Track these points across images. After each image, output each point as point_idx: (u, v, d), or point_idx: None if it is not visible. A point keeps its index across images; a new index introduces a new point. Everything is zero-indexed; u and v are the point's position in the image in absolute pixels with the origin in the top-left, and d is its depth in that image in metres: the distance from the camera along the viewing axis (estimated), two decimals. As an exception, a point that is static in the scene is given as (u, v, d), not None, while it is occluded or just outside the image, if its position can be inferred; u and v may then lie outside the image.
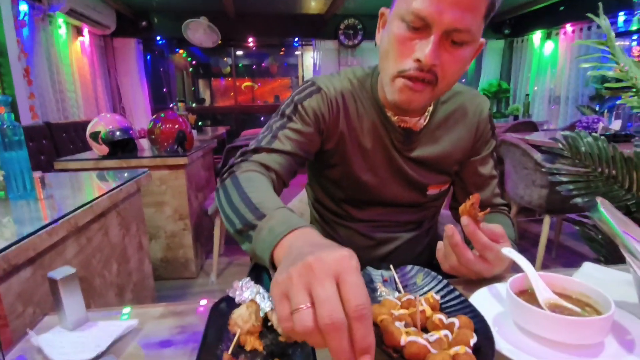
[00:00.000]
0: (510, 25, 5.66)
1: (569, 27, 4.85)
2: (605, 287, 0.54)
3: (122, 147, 2.28)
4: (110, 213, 1.38)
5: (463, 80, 6.77)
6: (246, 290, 0.55)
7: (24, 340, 0.50)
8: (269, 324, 0.50)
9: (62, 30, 3.88)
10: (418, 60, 0.62)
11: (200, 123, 4.16)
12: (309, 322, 0.32)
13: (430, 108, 0.82)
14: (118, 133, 2.17)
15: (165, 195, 2.29)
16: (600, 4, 0.88)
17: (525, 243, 2.91)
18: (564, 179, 1.09)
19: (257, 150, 0.74)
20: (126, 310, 0.57)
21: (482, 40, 0.69)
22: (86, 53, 4.39)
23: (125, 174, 1.59)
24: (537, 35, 5.35)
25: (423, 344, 0.40)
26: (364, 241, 0.91)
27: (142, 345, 0.50)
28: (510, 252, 0.57)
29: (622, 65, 0.89)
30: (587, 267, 0.68)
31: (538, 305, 0.49)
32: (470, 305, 0.49)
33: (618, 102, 0.97)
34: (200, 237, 2.62)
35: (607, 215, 0.55)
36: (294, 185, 0.86)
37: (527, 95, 5.13)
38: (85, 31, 4.38)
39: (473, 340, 0.42)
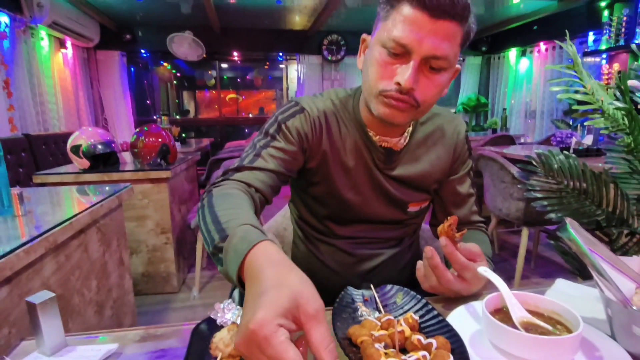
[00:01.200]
0: (487, 43, 5.86)
1: (542, 46, 5.06)
2: (576, 303, 0.56)
3: (103, 160, 2.25)
4: (90, 229, 1.35)
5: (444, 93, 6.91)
6: (228, 312, 0.55)
7: (-1, 367, 0.49)
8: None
9: (45, 43, 3.82)
10: (398, 84, 0.66)
11: (184, 135, 4.14)
12: None
13: (410, 128, 0.85)
14: (100, 147, 2.14)
15: (148, 209, 2.26)
16: (567, 32, 0.94)
17: (505, 254, 2.97)
18: (538, 194, 1.13)
19: (239, 169, 0.75)
20: (105, 334, 0.57)
21: (458, 66, 0.74)
22: (69, 65, 4.33)
23: (107, 188, 1.57)
24: (512, 53, 5.56)
25: (401, 365, 0.42)
26: (346, 258, 0.92)
27: (122, 371, 0.49)
28: (486, 272, 0.59)
29: (588, 89, 0.94)
30: (560, 283, 0.70)
31: (512, 323, 0.51)
32: (448, 325, 0.51)
33: (586, 123, 1.01)
34: (183, 251, 2.59)
35: (576, 235, 0.57)
36: (278, 198, 0.87)
37: (505, 109, 5.30)
38: (68, 43, 4.33)
39: (449, 360, 0.43)
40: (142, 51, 5.29)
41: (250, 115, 6.81)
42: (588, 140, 2.63)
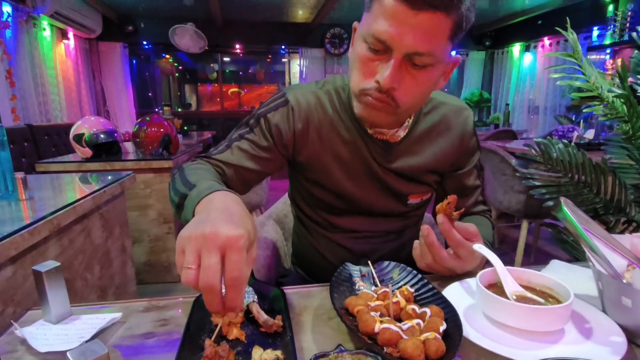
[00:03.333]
0: (491, 38, 5.83)
1: (546, 41, 5.03)
2: (569, 282, 0.57)
3: (106, 150, 2.26)
4: (93, 215, 1.37)
5: (445, 90, 6.91)
6: (229, 285, 0.56)
7: (8, 332, 0.50)
8: (250, 315, 0.52)
9: (47, 33, 3.83)
10: (377, 82, 0.62)
11: (185, 127, 4.15)
12: (191, 280, 0.41)
13: (411, 119, 0.80)
14: (102, 136, 2.15)
15: (150, 199, 2.28)
16: (567, 19, 0.94)
17: (505, 247, 2.98)
18: (537, 183, 1.14)
19: (208, 157, 0.77)
20: (109, 305, 0.58)
21: (458, 57, 0.69)
22: (70, 56, 4.33)
23: (109, 177, 1.58)
24: (516, 48, 5.53)
25: (395, 330, 0.43)
26: (345, 254, 0.90)
27: (126, 337, 0.51)
28: (480, 248, 0.60)
29: (588, 76, 0.95)
30: (555, 264, 0.72)
31: (505, 297, 0.52)
32: (442, 297, 0.52)
33: (585, 109, 1.01)
34: (185, 242, 2.61)
35: (570, 214, 0.58)
36: (280, 185, 0.88)
37: (508, 105, 5.28)
38: (70, 34, 4.33)
39: (442, 327, 0.44)
40: (144, 43, 5.29)
41: (253, 109, 6.81)
42: (589, 134, 2.63)
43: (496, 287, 0.55)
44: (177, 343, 0.45)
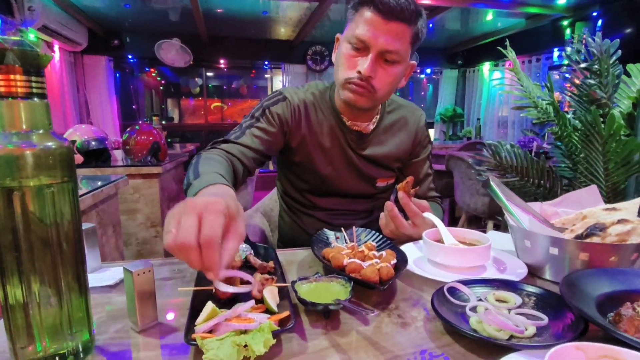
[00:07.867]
0: (463, 57, 6.22)
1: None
2: (500, 243, 0.74)
3: (96, 156, 2.35)
4: (91, 212, 1.48)
5: (422, 106, 7.26)
6: (230, 243, 0.70)
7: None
8: (249, 264, 0.66)
9: (33, 45, 3.90)
10: (359, 72, 0.84)
11: (169, 140, 4.24)
12: (170, 241, 0.43)
13: (377, 116, 1.02)
14: (94, 143, 2.25)
15: (138, 203, 2.37)
16: (507, 40, 1.14)
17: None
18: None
19: (226, 141, 0.91)
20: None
21: (413, 62, 0.92)
22: (55, 69, 4.40)
23: (99, 183, 1.68)
24: (486, 66, 5.91)
25: (359, 262, 0.58)
26: (325, 227, 1.07)
27: (149, 280, 0.64)
28: (429, 216, 0.77)
29: (525, 87, 1.15)
30: (492, 233, 0.89)
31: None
32: (397, 246, 0.68)
33: (522, 114, 1.21)
34: (171, 246, 2.69)
35: (496, 188, 0.76)
36: (265, 184, 1.02)
37: (479, 119, 5.61)
38: (56, 47, 4.40)
39: (393, 261, 0.60)
40: (129, 57, 5.39)
41: (236, 122, 6.95)
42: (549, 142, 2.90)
43: (438, 242, 0.71)
44: (192, 282, 0.59)
